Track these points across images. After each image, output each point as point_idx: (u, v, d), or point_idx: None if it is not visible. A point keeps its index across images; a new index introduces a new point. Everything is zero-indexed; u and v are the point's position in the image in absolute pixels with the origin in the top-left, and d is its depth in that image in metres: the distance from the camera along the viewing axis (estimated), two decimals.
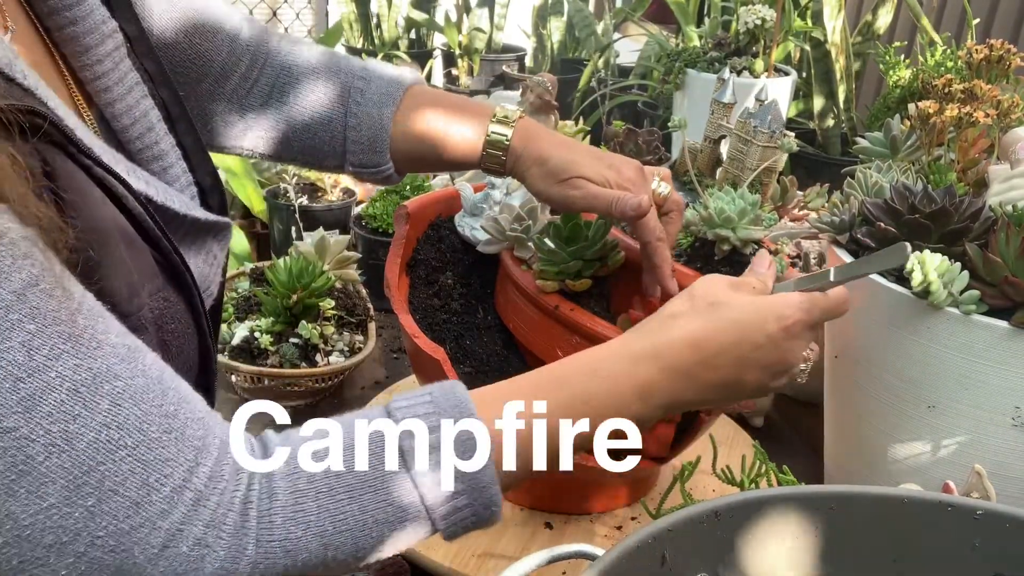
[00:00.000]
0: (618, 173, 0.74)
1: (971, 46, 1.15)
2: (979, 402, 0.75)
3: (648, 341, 0.59)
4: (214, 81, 0.78)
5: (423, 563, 0.82)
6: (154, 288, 0.56)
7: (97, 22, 0.61)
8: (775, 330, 0.60)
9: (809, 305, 0.62)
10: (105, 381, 0.44)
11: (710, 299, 0.60)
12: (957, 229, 0.78)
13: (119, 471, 0.43)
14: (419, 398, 0.53)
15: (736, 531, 0.52)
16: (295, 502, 0.49)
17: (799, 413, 1.14)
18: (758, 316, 0.59)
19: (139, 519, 0.44)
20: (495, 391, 0.56)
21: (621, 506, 0.92)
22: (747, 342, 0.59)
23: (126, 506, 0.43)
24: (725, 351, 0.59)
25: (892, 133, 1.01)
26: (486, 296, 0.90)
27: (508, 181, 0.92)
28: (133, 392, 0.45)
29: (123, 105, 0.63)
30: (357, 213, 1.36)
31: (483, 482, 0.51)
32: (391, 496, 0.50)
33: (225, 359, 1.06)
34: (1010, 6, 2.01)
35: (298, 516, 0.48)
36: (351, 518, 0.49)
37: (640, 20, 2.16)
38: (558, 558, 0.57)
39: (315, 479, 0.49)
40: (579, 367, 0.58)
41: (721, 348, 0.59)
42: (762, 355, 0.60)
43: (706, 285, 0.62)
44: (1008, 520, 0.52)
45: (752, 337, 0.59)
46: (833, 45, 1.58)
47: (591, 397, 0.56)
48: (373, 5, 2.56)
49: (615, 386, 0.57)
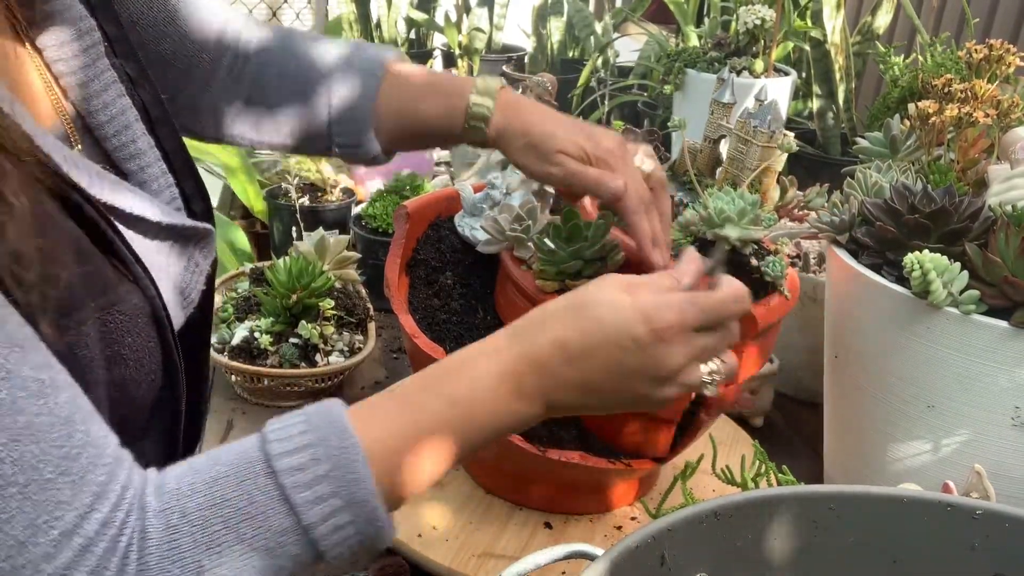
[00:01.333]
0: (596, 144, 0.73)
1: (971, 46, 1.15)
2: (979, 402, 0.75)
3: (518, 340, 0.57)
4: (203, 72, 0.79)
5: (423, 563, 0.82)
6: (107, 303, 0.55)
7: (75, 17, 0.61)
8: (643, 333, 0.55)
9: (687, 306, 0.56)
10: (6, 415, 0.43)
11: (586, 298, 0.57)
12: (957, 229, 0.78)
13: (6, 508, 0.42)
14: (293, 419, 0.51)
15: (736, 531, 0.52)
16: (169, 539, 0.47)
17: (799, 413, 1.14)
18: (625, 318, 0.55)
19: (22, 560, 0.43)
20: (371, 405, 0.54)
21: (621, 506, 0.92)
22: (613, 345, 0.55)
23: (9, 545, 0.42)
24: (591, 354, 0.56)
25: (892, 133, 1.01)
26: (486, 296, 0.90)
27: (508, 181, 0.92)
28: (35, 430, 0.43)
29: (99, 102, 0.62)
30: (357, 213, 1.36)
31: (363, 498, 0.50)
32: (268, 522, 0.48)
33: (225, 359, 1.06)
34: (1010, 6, 2.01)
35: (173, 554, 0.47)
36: (228, 549, 0.48)
37: (640, 20, 2.16)
38: (558, 558, 0.57)
39: (188, 513, 0.48)
40: (452, 368, 0.56)
41: (586, 350, 0.56)
42: (633, 360, 0.56)
43: (594, 284, 0.58)
44: (1008, 520, 0.52)
45: (619, 340, 0.55)
46: (833, 45, 1.58)
47: (463, 399, 0.54)
48: (373, 5, 2.56)
49: (489, 386, 0.55)
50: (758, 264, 0.79)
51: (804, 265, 1.14)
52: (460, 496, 0.91)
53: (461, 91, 0.76)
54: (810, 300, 1.09)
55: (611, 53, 2.20)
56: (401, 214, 0.90)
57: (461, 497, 0.91)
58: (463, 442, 0.54)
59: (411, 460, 0.53)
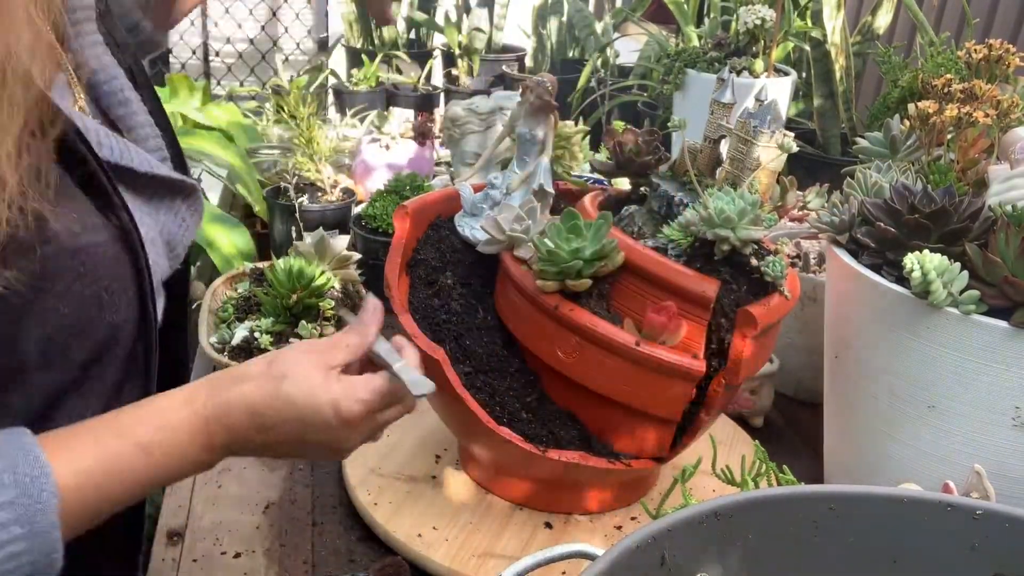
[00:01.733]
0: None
1: (971, 46, 1.15)
2: (979, 402, 0.75)
3: (213, 397, 0.60)
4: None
5: (423, 563, 0.82)
6: (86, 243, 0.56)
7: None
8: (331, 418, 0.61)
9: (373, 398, 0.63)
10: None
11: (283, 370, 0.61)
12: (957, 229, 0.78)
13: None
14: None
15: (736, 531, 0.52)
16: None
17: (799, 413, 1.14)
18: (316, 404, 0.61)
19: None
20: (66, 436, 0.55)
21: (621, 506, 0.92)
22: (301, 423, 0.61)
23: None
24: (279, 427, 0.61)
25: (892, 133, 1.01)
26: (486, 296, 0.90)
27: (508, 181, 0.92)
28: None
29: (92, 53, 0.67)
30: (357, 213, 1.36)
31: (44, 527, 0.50)
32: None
33: (225, 359, 1.06)
34: (1010, 6, 2.00)
35: None
36: None
37: (640, 20, 2.16)
38: (558, 558, 0.57)
39: None
40: (148, 417, 0.58)
41: (276, 424, 0.61)
42: (317, 437, 0.62)
43: (292, 352, 0.63)
44: (1008, 520, 0.52)
45: (308, 420, 0.61)
46: (833, 45, 1.58)
47: (155, 447, 0.57)
48: None
49: (181, 441, 0.58)
50: (758, 264, 0.79)
51: (804, 265, 1.14)
52: (460, 496, 0.91)
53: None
54: (810, 300, 1.09)
55: (611, 53, 2.20)
56: (401, 214, 0.90)
57: (461, 497, 0.91)
58: (149, 485, 0.58)
59: (97, 499, 0.54)
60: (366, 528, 0.88)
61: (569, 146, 1.05)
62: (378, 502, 0.89)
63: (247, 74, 3.54)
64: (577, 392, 0.81)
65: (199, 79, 3.44)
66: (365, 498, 0.89)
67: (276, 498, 0.92)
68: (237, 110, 1.87)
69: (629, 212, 0.91)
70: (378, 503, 0.89)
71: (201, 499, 0.91)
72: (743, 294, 0.80)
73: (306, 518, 0.90)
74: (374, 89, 2.29)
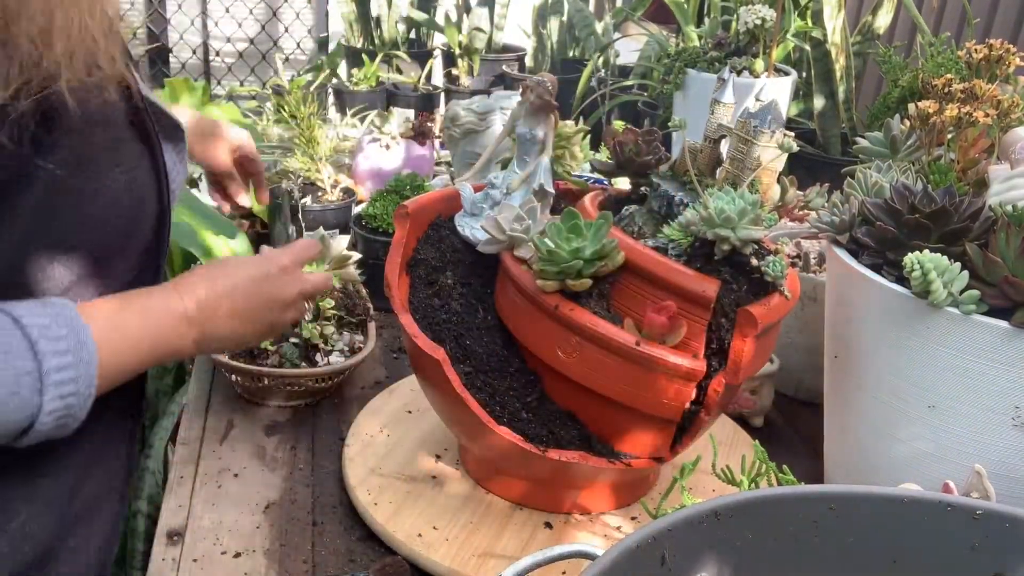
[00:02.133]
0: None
1: (971, 46, 1.15)
2: (979, 402, 0.75)
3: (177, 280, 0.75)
4: None
5: (423, 563, 0.82)
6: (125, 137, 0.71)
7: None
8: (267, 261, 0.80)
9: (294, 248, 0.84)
10: None
11: (224, 259, 0.82)
12: (957, 229, 0.78)
13: None
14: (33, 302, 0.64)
15: (736, 531, 0.52)
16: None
17: (799, 413, 1.14)
18: (255, 257, 0.81)
19: None
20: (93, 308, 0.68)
21: (621, 506, 0.92)
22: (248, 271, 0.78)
23: None
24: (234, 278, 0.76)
25: (892, 133, 1.01)
26: (486, 296, 0.90)
27: (508, 181, 0.92)
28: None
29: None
30: (357, 213, 1.36)
31: (88, 359, 0.64)
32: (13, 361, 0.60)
33: (225, 359, 1.06)
34: (1010, 6, 2.00)
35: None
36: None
37: (640, 20, 2.16)
38: (558, 558, 0.57)
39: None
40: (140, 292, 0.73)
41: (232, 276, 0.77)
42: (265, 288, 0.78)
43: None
44: (1008, 520, 0.52)
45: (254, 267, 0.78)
46: (833, 45, 1.58)
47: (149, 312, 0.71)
48: (373, 5, 2.56)
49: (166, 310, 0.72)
50: (758, 264, 0.79)
51: (804, 265, 1.14)
52: (460, 496, 0.91)
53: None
54: (810, 300, 1.09)
55: (611, 53, 2.20)
56: (401, 214, 0.90)
57: (461, 497, 0.91)
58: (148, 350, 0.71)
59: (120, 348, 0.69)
60: (366, 528, 0.88)
61: (569, 146, 1.05)
62: (378, 502, 0.89)
63: (247, 74, 3.54)
64: (577, 392, 0.81)
65: (199, 79, 3.44)
66: (365, 498, 0.89)
67: (276, 498, 0.92)
68: (237, 110, 1.87)
69: (629, 212, 0.91)
70: (378, 503, 0.89)
71: (201, 499, 0.91)
72: (743, 294, 0.80)
73: (306, 518, 0.90)
74: (374, 89, 2.29)
